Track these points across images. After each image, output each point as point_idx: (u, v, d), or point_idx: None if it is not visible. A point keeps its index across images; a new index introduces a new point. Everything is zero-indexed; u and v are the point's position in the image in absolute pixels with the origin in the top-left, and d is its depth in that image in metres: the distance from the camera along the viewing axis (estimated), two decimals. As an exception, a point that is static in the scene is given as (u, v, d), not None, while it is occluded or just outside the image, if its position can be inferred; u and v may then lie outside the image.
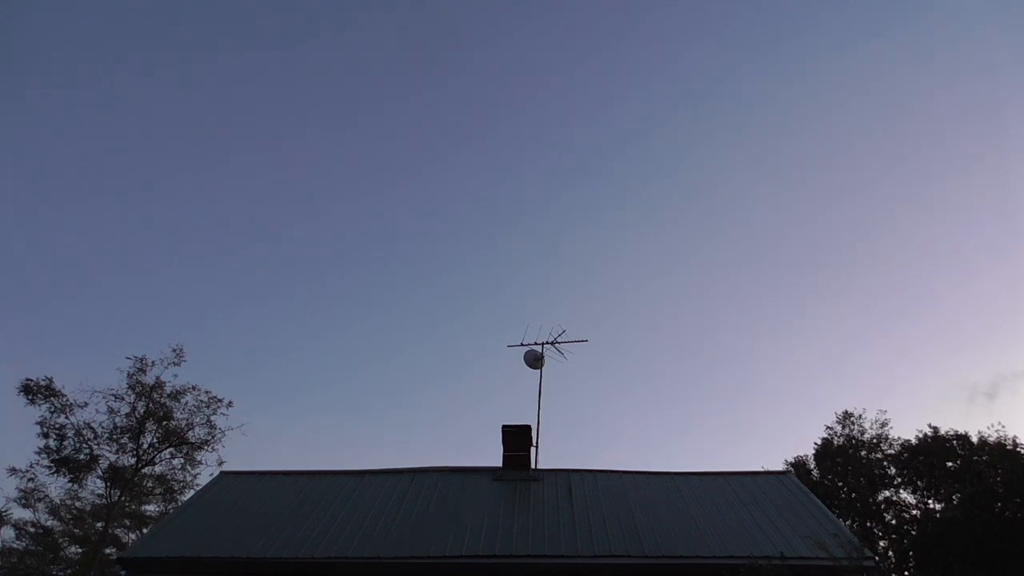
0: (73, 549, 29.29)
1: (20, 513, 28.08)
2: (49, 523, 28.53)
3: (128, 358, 23.37)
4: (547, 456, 34.93)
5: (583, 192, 60.80)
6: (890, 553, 24.64)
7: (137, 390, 23.37)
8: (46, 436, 22.98)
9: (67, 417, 23.02)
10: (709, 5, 56.67)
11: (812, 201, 60.29)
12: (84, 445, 23.18)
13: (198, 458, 24.59)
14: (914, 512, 25.42)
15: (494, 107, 62.02)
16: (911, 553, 23.23)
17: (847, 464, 27.15)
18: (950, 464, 24.82)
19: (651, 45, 58.74)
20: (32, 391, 22.75)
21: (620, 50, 58.52)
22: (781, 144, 59.45)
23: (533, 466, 15.79)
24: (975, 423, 54.11)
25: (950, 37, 54.22)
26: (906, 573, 23.73)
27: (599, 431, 55.72)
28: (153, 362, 23.57)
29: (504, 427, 15.80)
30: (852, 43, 55.45)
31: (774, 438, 55.61)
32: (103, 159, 58.61)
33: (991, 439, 24.17)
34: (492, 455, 23.61)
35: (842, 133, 56.97)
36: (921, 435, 26.02)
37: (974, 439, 24.81)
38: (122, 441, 23.42)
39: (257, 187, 60.77)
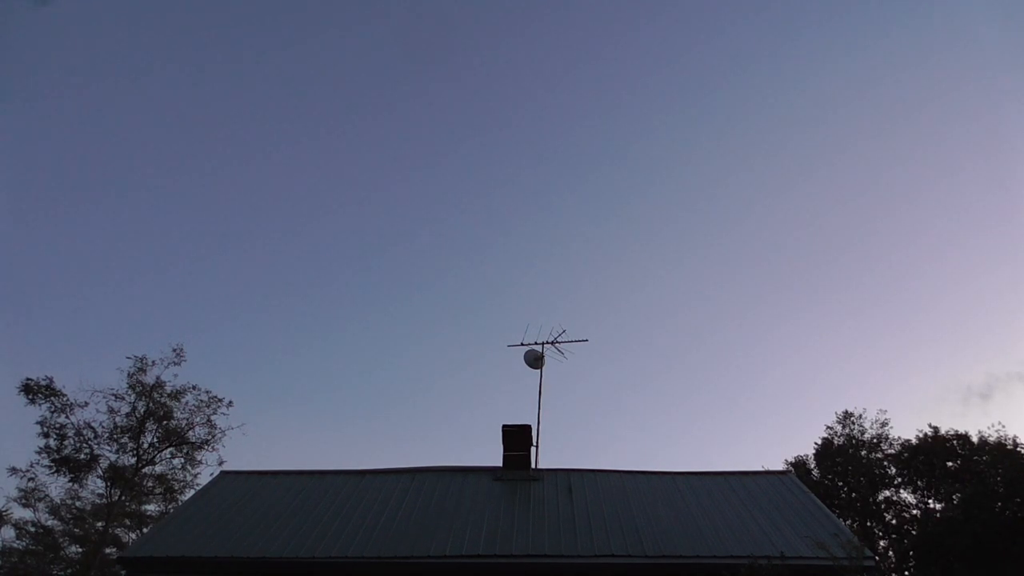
0: (73, 549, 29.29)
1: (20, 513, 28.10)
2: (49, 523, 28.52)
3: (128, 358, 23.51)
4: (547, 456, 34.91)
5: (583, 192, 60.85)
6: (890, 553, 24.66)
7: (137, 390, 23.43)
8: (46, 436, 23.05)
9: (67, 417, 23.09)
10: (709, 5, 56.69)
11: (812, 201, 60.36)
12: (84, 445, 23.22)
13: (198, 458, 24.69)
14: (914, 512, 25.43)
15: (494, 107, 62.05)
16: (911, 553, 23.24)
17: (847, 464, 27.15)
18: (950, 464, 24.83)
19: (651, 46, 58.76)
20: (32, 391, 22.78)
21: (621, 51, 58.53)
22: (781, 144, 59.50)
23: (533, 466, 15.77)
24: (970, 424, 54.23)
25: (950, 37, 54.26)
26: (906, 573, 23.74)
27: (599, 431, 55.78)
28: (153, 362, 23.69)
29: (504, 427, 15.78)
30: (852, 43, 55.50)
31: (774, 438, 55.73)
32: (103, 159, 58.66)
33: (991, 439, 24.19)
34: (492, 455, 23.65)
35: (842, 133, 57.04)
36: (921, 435, 26.04)
37: (974, 439, 24.82)
38: (122, 441, 23.50)
39: (257, 187, 60.80)
